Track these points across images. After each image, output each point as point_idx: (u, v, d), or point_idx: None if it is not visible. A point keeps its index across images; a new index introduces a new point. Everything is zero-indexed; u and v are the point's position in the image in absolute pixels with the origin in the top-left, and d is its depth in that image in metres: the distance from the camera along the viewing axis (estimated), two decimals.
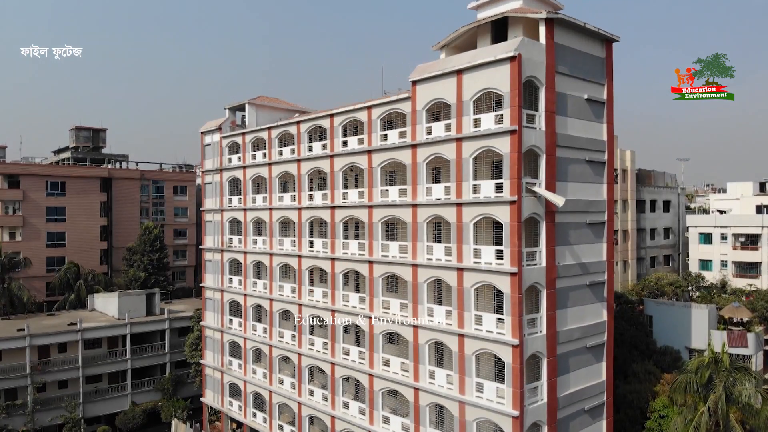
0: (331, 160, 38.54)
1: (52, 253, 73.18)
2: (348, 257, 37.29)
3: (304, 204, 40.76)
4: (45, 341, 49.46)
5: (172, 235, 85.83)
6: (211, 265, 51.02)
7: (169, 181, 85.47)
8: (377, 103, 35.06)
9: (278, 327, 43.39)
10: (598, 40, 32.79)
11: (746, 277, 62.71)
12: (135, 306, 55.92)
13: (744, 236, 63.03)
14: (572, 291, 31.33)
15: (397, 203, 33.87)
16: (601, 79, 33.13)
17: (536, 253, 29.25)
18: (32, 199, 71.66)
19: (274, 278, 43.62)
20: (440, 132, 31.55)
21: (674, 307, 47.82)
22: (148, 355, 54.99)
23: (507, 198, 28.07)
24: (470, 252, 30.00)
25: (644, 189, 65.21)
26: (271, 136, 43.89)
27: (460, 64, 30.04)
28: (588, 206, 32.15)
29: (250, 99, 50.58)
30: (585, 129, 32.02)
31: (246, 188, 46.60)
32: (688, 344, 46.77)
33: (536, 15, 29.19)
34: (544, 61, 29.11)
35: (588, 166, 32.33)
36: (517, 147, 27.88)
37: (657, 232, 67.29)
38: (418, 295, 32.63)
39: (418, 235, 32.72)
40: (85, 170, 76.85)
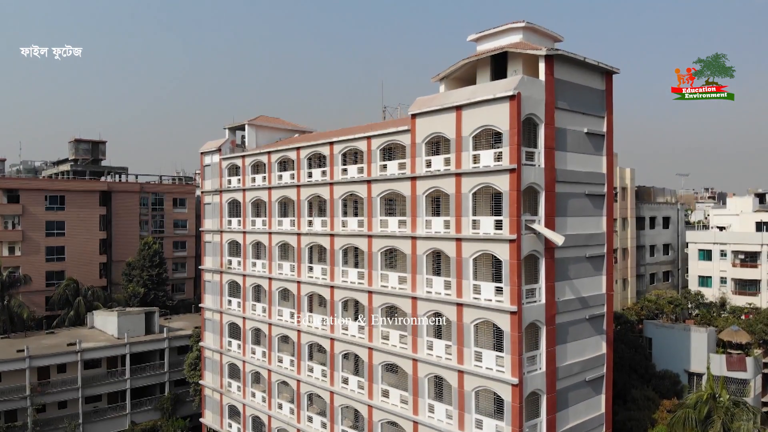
0: (330, 187, 38.52)
1: (52, 268, 73.16)
2: (347, 286, 37.27)
3: (304, 230, 40.73)
4: (44, 362, 49.41)
5: (172, 248, 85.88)
6: (210, 286, 50.98)
7: (169, 194, 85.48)
8: (377, 133, 35.05)
9: (277, 352, 43.38)
10: (598, 72, 32.80)
11: (746, 294, 62.74)
12: (134, 325, 55.89)
13: (743, 253, 63.04)
14: (572, 326, 31.32)
15: (397, 234, 33.84)
16: (600, 111, 33.13)
17: (536, 290, 29.24)
18: (32, 214, 71.63)
19: (273, 302, 43.61)
20: (439, 166, 31.55)
21: (673, 329, 47.81)
22: (148, 375, 54.94)
23: (506, 236, 28.06)
24: (470, 287, 29.99)
25: (644, 206, 65.25)
26: (270, 160, 43.88)
27: (459, 100, 30.03)
28: (588, 240, 32.14)
29: (250, 120, 50.63)
30: (584, 163, 32.01)
31: (246, 211, 46.58)
32: (687, 367, 46.78)
33: (536, 52, 29.18)
34: (544, 98, 29.11)
35: (587, 200, 32.32)
36: (516, 185, 27.87)
37: (656, 249, 67.34)
38: (418, 327, 32.62)
39: (418, 268, 32.71)
40: (85, 184, 76.83)
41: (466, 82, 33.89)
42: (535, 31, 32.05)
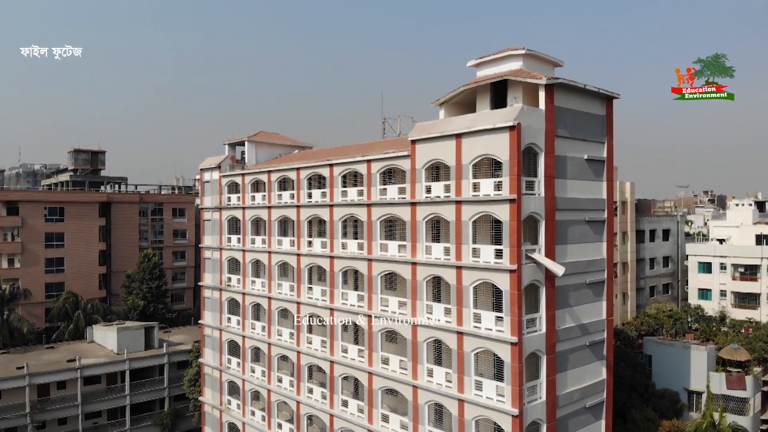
0: (330, 209, 38.47)
1: (51, 279, 73.08)
2: (347, 308, 37.21)
3: (304, 251, 40.67)
4: (44, 380, 49.37)
5: (171, 258, 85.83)
6: (209, 303, 50.92)
7: (168, 204, 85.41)
8: (376, 157, 35.01)
9: (276, 371, 43.33)
10: (598, 98, 32.76)
11: (745, 307, 62.70)
12: (134, 340, 55.83)
13: (743, 267, 63.01)
14: (572, 353, 31.28)
15: (397, 259, 33.78)
16: (601, 137, 33.09)
17: (536, 320, 29.19)
18: (31, 225, 71.56)
19: (273, 321, 43.56)
20: (439, 192, 31.49)
21: (673, 347, 47.80)
22: (147, 390, 54.88)
23: (507, 267, 28.00)
24: (470, 316, 29.93)
25: (644, 219, 65.25)
26: (270, 179, 43.82)
27: (459, 128, 29.98)
28: (588, 266, 32.09)
29: (249, 136, 50.67)
30: (584, 189, 31.96)
31: (245, 228, 46.51)
32: (687, 385, 46.79)
33: (536, 81, 29.12)
34: (544, 127, 29.06)
35: (588, 226, 32.27)
36: (516, 216, 27.82)
37: (656, 261, 67.34)
38: (418, 354, 32.59)
39: (418, 293, 32.65)
40: (84, 195, 76.77)
41: (466, 106, 33.86)
42: (535, 57, 32.02)
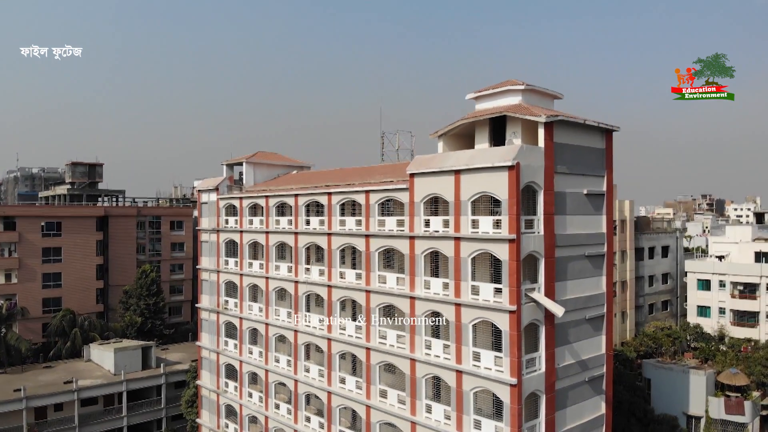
0: (328, 237, 38.25)
1: (48, 294, 72.76)
2: (345, 339, 36.99)
3: (301, 278, 40.42)
4: (41, 402, 49.09)
5: (169, 271, 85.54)
6: (207, 325, 50.66)
7: (166, 216, 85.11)
8: (375, 189, 34.80)
9: (273, 398, 43.09)
10: (598, 132, 32.59)
11: (744, 326, 62.54)
12: (131, 360, 55.58)
13: (742, 284, 62.86)
14: (571, 390, 31.09)
15: (395, 292, 33.56)
16: (600, 171, 32.91)
17: (536, 359, 28.99)
18: (28, 241, 71.24)
19: (270, 348, 43.30)
20: (438, 227, 31.28)
21: (672, 372, 47.67)
22: (145, 411, 54.61)
23: (506, 307, 27.79)
24: (469, 354, 29.72)
25: (643, 236, 65.07)
26: (268, 204, 43.56)
27: (457, 165, 29.79)
28: (587, 302, 31.91)
29: (248, 157, 50.46)
30: (584, 224, 31.77)
31: (243, 252, 46.25)
32: (686, 410, 46.68)
33: (535, 118, 28.91)
34: (543, 164, 28.88)
35: (587, 261, 32.07)
36: (516, 256, 27.62)
37: (655, 279, 67.16)
38: (416, 390, 32.37)
39: (417, 329, 32.43)
40: (81, 210, 76.50)
41: (465, 138, 33.65)
42: (534, 91, 31.82)
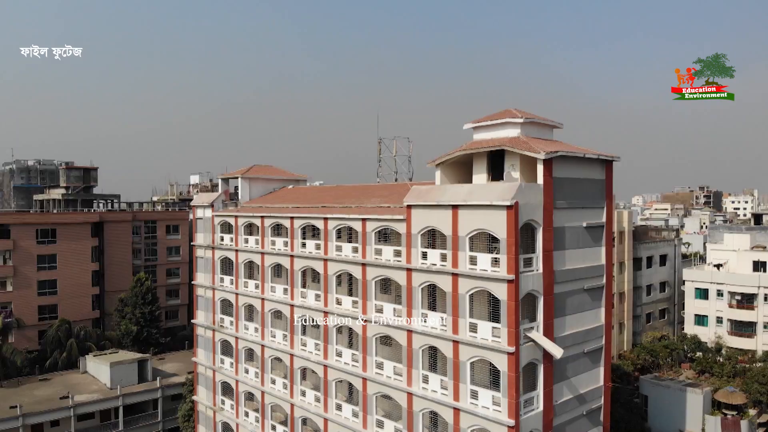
0: (324, 263, 37.84)
1: (44, 302, 72.31)
2: (341, 367, 36.70)
3: (297, 302, 40.07)
4: (38, 419, 48.86)
5: (165, 275, 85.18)
6: (202, 341, 50.34)
7: (162, 221, 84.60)
8: (371, 217, 34.34)
9: (270, 419, 42.92)
10: (597, 163, 32.14)
11: (742, 335, 62.49)
12: (127, 374, 55.33)
13: (740, 294, 62.73)
14: (569, 424, 30.93)
15: (392, 324, 33.22)
16: (600, 202, 32.50)
17: (534, 398, 28.75)
18: (23, 248, 70.67)
19: (266, 370, 43.04)
20: (436, 260, 30.88)
21: (669, 389, 47.51)
22: (141, 425, 54.44)
23: (505, 348, 27.47)
24: (467, 392, 29.47)
25: (641, 246, 64.80)
26: (264, 225, 43.08)
27: (455, 199, 29.34)
28: (586, 336, 31.65)
29: (243, 172, 49.96)
30: (583, 257, 31.41)
31: (238, 271, 45.82)
32: (682, 427, 46.58)
33: (534, 154, 28.40)
34: (542, 201, 28.44)
35: (586, 294, 31.76)
36: (514, 296, 27.26)
37: (653, 288, 67.00)
38: (413, 423, 32.16)
39: (414, 362, 32.15)
40: (76, 216, 75.90)
41: (463, 167, 33.10)
42: (533, 123, 31.30)
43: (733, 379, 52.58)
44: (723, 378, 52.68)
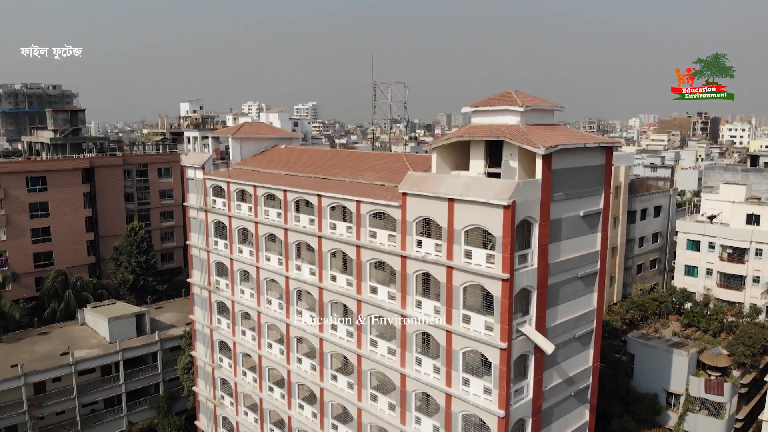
0: (319, 240, 37.61)
1: (39, 249, 72.51)
2: (336, 341, 37.30)
3: (292, 274, 40.15)
4: (39, 378, 50.07)
5: (159, 219, 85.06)
6: (199, 300, 50.85)
7: (153, 164, 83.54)
8: (366, 200, 33.77)
9: (268, 381, 44.08)
10: (598, 150, 31.34)
11: (730, 288, 63.55)
12: (125, 328, 56.30)
13: (732, 248, 63.28)
14: (557, 407, 31.93)
15: (386, 307, 33.45)
16: (598, 187, 31.98)
17: (524, 387, 29.45)
18: (14, 197, 69.97)
19: (263, 335, 43.78)
20: (431, 249, 30.68)
21: (656, 350, 48.83)
22: (142, 377, 55.98)
23: (497, 344, 27.80)
24: (459, 378, 30.11)
25: (636, 199, 64.63)
26: (257, 194, 42.45)
27: (451, 192, 28.73)
28: (578, 321, 32.05)
29: (233, 132, 48.80)
30: (578, 246, 31.25)
31: (232, 236, 45.60)
32: (666, 386, 48.27)
33: (533, 149, 27.51)
34: (540, 197, 27.92)
35: (580, 281, 31.87)
36: (508, 293, 27.30)
37: (645, 239, 67.46)
38: (406, 402, 33.08)
39: (407, 345, 32.64)
40: (66, 162, 74.67)
41: (461, 148, 32.15)
42: (533, 110, 30.17)
43: (719, 334, 54.04)
44: (709, 333, 54.14)
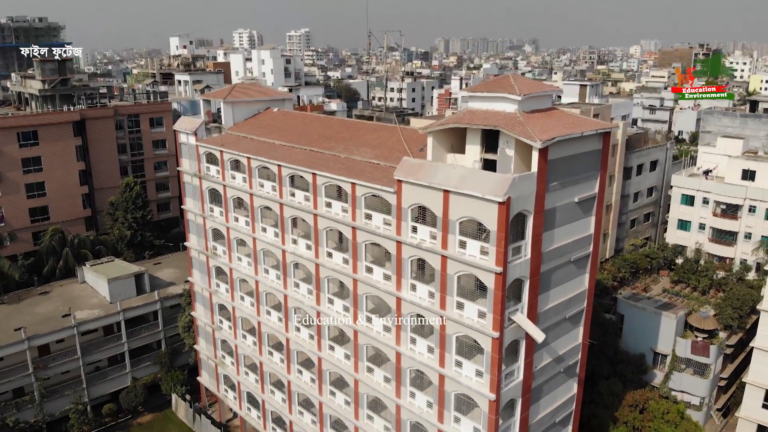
0: (314, 217, 37.67)
1: (34, 204, 72.33)
2: (332, 314, 38.07)
3: (289, 247, 40.45)
4: (43, 341, 51.24)
5: (153, 169, 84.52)
6: (197, 263, 51.36)
7: (145, 114, 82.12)
8: (362, 183, 33.58)
9: (267, 345, 45.28)
10: (595, 135, 30.99)
11: (722, 243, 64.35)
12: (125, 288, 57.09)
13: (725, 204, 63.61)
14: (546, 384, 33.25)
15: (381, 288, 34.00)
16: (595, 172, 31.88)
17: (515, 370, 30.49)
18: (6, 153, 69.10)
19: (261, 302, 44.58)
20: (426, 236, 30.87)
21: (645, 312, 50.03)
22: (143, 336, 57.32)
23: (490, 332, 28.52)
24: (452, 362, 31.08)
25: (632, 155, 64.34)
26: (251, 165, 42.11)
27: (447, 183, 28.62)
28: (569, 303, 32.76)
29: (225, 96, 47.78)
30: (572, 231, 31.49)
31: (227, 205, 45.52)
32: (654, 346, 49.82)
33: (530, 142, 27.20)
34: (535, 190, 27.88)
35: (572, 265, 32.32)
36: (501, 285, 27.76)
37: (641, 194, 67.67)
38: (401, 378, 34.24)
39: (402, 326, 33.41)
40: (56, 116, 73.24)
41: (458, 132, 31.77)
42: (531, 98, 29.57)
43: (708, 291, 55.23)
44: (698, 290, 55.33)
